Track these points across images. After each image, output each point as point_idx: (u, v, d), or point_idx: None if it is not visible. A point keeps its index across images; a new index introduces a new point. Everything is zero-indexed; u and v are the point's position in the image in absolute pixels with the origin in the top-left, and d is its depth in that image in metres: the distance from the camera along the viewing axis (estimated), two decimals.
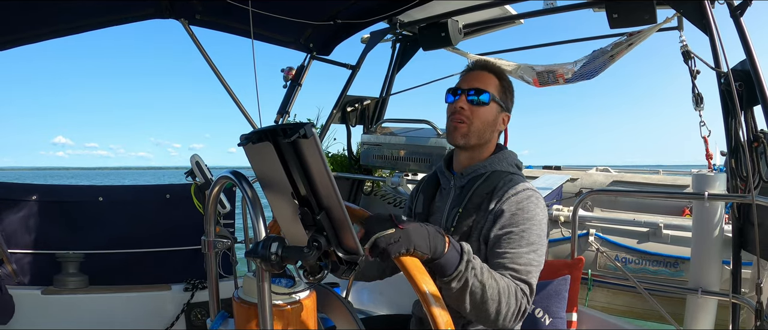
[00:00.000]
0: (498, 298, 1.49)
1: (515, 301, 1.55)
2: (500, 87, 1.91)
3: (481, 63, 1.99)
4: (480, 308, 1.49)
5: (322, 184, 1.04)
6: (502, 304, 1.51)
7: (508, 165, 1.92)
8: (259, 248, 1.09)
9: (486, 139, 1.91)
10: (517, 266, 1.63)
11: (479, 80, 1.89)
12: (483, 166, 1.90)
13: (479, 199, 1.82)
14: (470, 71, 1.95)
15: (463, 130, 1.85)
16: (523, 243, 1.66)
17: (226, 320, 1.56)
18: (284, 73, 4.13)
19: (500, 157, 1.92)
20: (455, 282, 1.42)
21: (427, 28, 4.03)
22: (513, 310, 1.54)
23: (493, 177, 1.85)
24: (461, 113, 1.85)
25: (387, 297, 3.50)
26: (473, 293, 1.46)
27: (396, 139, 4.46)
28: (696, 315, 2.89)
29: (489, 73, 1.92)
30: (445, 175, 2.01)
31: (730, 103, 2.58)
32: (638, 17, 3.18)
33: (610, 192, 7.10)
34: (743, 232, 2.65)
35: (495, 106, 1.88)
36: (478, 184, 1.85)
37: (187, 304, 3.24)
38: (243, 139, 1.11)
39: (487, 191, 1.82)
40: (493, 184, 1.83)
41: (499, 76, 1.93)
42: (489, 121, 1.88)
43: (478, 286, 1.46)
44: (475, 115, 1.85)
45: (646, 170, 8.94)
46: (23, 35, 3.06)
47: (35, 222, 3.25)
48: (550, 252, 3.32)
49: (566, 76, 4.10)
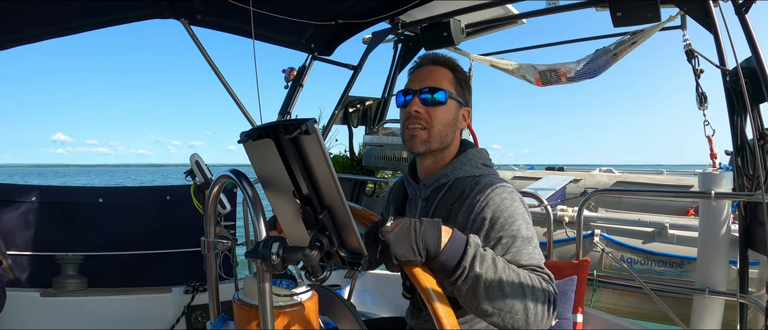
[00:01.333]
0: (523, 292, 1.30)
1: (543, 293, 1.34)
2: (455, 80, 1.73)
3: (430, 57, 1.77)
4: (504, 307, 1.27)
5: (325, 183, 1.01)
6: (529, 298, 1.30)
7: (473, 168, 1.72)
8: (260, 248, 1.06)
9: (448, 142, 1.72)
10: (526, 263, 1.45)
11: (431, 77, 1.70)
12: (444, 174, 1.72)
13: (445, 211, 1.66)
14: (419, 67, 1.76)
15: (423, 137, 1.67)
16: (518, 242, 1.49)
17: (226, 323, 1.54)
18: (285, 74, 4.12)
19: (463, 160, 1.73)
20: (462, 281, 1.25)
21: (429, 28, 4.01)
22: (543, 305, 1.33)
23: (456, 185, 1.69)
24: (417, 118, 1.67)
25: (389, 299, 3.47)
26: (490, 290, 1.26)
27: (398, 139, 4.44)
28: (703, 315, 2.87)
29: (440, 66, 1.74)
30: (410, 184, 1.86)
31: (737, 100, 2.55)
32: (642, 16, 3.16)
33: (615, 192, 7.06)
34: (750, 231, 2.62)
35: (453, 104, 1.70)
36: (440, 195, 1.70)
37: (187, 306, 3.22)
38: (243, 136, 1.08)
39: (451, 202, 1.67)
40: (458, 193, 1.67)
41: (452, 69, 1.75)
42: (449, 121, 1.69)
43: (494, 280, 1.26)
44: (433, 117, 1.67)
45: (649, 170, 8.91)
46: (24, 35, 3.05)
47: (34, 223, 3.24)
48: (554, 253, 3.29)
49: (569, 75, 4.08)
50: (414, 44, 4.54)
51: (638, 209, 6.13)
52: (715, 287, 2.79)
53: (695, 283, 2.95)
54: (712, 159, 4.02)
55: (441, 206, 1.68)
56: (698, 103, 3.41)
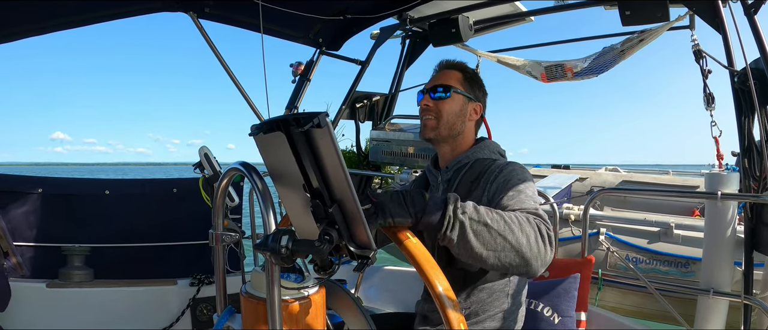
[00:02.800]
0: (509, 228, 1.37)
1: (530, 227, 1.42)
2: (463, 79, 1.99)
3: (444, 63, 2.07)
4: (494, 247, 1.35)
5: (336, 176, 1.02)
6: (519, 234, 1.38)
7: (491, 152, 1.98)
8: (269, 241, 1.07)
9: (458, 130, 1.97)
10: (520, 207, 1.59)
11: (442, 78, 1.99)
12: (465, 156, 1.96)
13: (466, 188, 1.86)
14: (435, 73, 2.06)
15: (432, 124, 1.95)
16: (520, 196, 1.65)
17: (233, 316, 1.54)
18: (293, 69, 4.12)
19: (481, 146, 1.99)
20: (450, 231, 1.32)
21: (437, 24, 4.00)
22: (534, 237, 1.41)
23: (477, 165, 1.91)
24: (428, 110, 1.96)
25: (395, 294, 3.47)
26: (478, 234, 1.34)
27: (405, 135, 4.44)
28: (707, 316, 2.86)
29: (451, 69, 2.02)
30: (432, 173, 2.09)
31: (745, 101, 2.55)
32: (651, 15, 3.15)
33: (621, 191, 7.05)
34: (756, 232, 2.62)
35: (459, 97, 1.96)
36: (463, 173, 1.92)
37: (192, 299, 3.23)
38: (254, 130, 1.08)
39: (472, 179, 1.87)
40: (478, 171, 1.88)
41: (462, 70, 2.02)
42: (454, 111, 1.95)
43: (479, 224, 1.34)
44: (440, 107, 1.94)
45: (655, 170, 8.89)
46: (30, 27, 3.05)
47: (41, 215, 3.25)
48: (560, 251, 3.29)
49: (575, 70, 4.07)
50: (422, 40, 4.52)
51: (644, 209, 6.13)
52: (719, 288, 2.78)
53: (700, 283, 2.94)
54: (718, 160, 4.02)
55: (462, 184, 1.89)
56: (705, 103, 3.40)
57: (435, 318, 1.93)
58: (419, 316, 2.02)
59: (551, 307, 2.38)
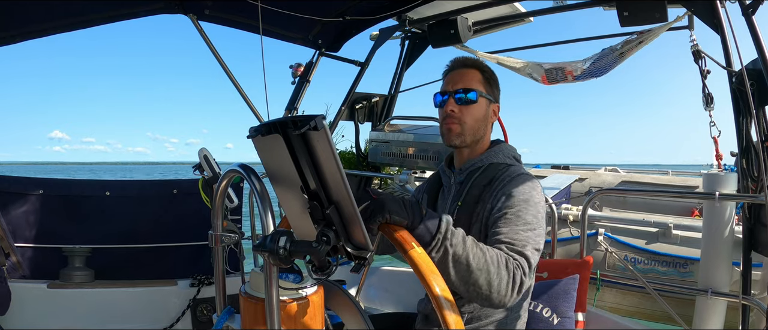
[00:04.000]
0: (486, 268, 1.42)
1: (507, 271, 1.46)
2: (484, 80, 1.94)
3: (460, 61, 2.01)
4: (467, 280, 1.41)
5: (333, 178, 1.03)
6: (492, 275, 1.42)
7: (505, 157, 1.96)
8: (267, 242, 1.08)
9: (481, 135, 1.96)
10: (512, 240, 1.59)
11: (463, 79, 1.92)
12: (480, 160, 1.94)
13: (478, 191, 1.85)
14: (452, 71, 1.98)
15: (457, 131, 1.91)
16: (519, 222, 1.64)
17: (232, 316, 1.55)
18: (293, 70, 4.13)
19: (496, 150, 1.97)
20: (435, 252, 1.36)
21: (436, 26, 4.00)
22: (505, 281, 1.45)
23: (491, 169, 1.90)
24: (452, 116, 1.90)
25: (394, 294, 3.48)
26: (457, 263, 1.39)
27: (404, 136, 4.44)
28: (705, 316, 2.87)
29: (470, 69, 1.96)
30: (446, 174, 2.07)
31: (743, 102, 2.55)
32: (649, 15, 3.15)
33: (620, 191, 7.06)
34: (754, 233, 2.62)
35: (483, 101, 1.93)
36: (475, 177, 1.90)
37: (193, 299, 3.24)
38: (252, 132, 1.09)
39: (485, 183, 1.86)
40: (491, 176, 1.87)
41: (481, 69, 1.97)
42: (480, 117, 1.92)
43: (461, 255, 1.38)
44: (466, 114, 1.90)
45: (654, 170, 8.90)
46: (32, 29, 3.06)
47: (42, 216, 3.26)
48: (558, 251, 3.30)
49: (575, 74, 4.07)
50: (421, 41, 4.52)
51: (643, 209, 6.14)
52: (717, 288, 2.79)
53: (698, 284, 2.94)
54: (717, 160, 4.02)
55: (475, 186, 1.88)
56: (704, 104, 3.41)
57: (436, 318, 1.94)
58: (421, 315, 2.03)
59: (550, 307, 2.39)
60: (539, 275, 2.57)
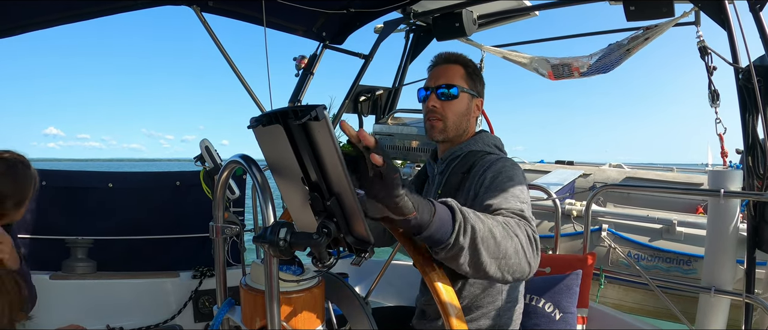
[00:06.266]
0: (506, 233, 1.28)
1: (521, 231, 1.33)
2: (466, 75, 1.94)
3: (444, 56, 2.00)
4: (496, 254, 1.24)
5: (333, 170, 1.01)
6: (514, 239, 1.29)
7: (485, 145, 1.95)
8: (268, 234, 1.07)
9: (463, 129, 1.96)
10: (507, 207, 1.49)
11: (445, 75, 1.93)
12: (459, 148, 1.95)
13: (457, 179, 1.86)
14: (435, 67, 1.99)
15: (440, 127, 1.92)
16: (507, 196, 1.55)
17: (233, 307, 1.55)
18: (296, 62, 4.11)
19: (477, 139, 1.97)
20: (463, 235, 1.17)
21: (441, 18, 3.99)
22: (526, 241, 1.31)
23: (470, 156, 1.90)
24: (434, 112, 1.91)
25: (396, 288, 3.48)
26: (484, 240, 1.20)
27: (408, 129, 4.43)
28: (708, 314, 2.85)
29: (453, 64, 1.96)
30: (430, 165, 2.11)
31: (749, 99, 2.53)
32: (656, 10, 3.13)
33: (624, 187, 7.03)
34: (759, 230, 2.60)
35: (465, 96, 1.93)
36: (454, 165, 1.92)
37: (194, 291, 3.24)
38: (253, 122, 1.08)
39: (463, 171, 1.86)
40: (470, 163, 1.87)
41: (464, 64, 1.97)
42: (462, 111, 1.93)
43: (483, 229, 1.21)
44: (448, 109, 1.91)
45: (659, 167, 8.87)
46: (34, 21, 3.04)
47: (45, 207, 3.25)
48: (561, 247, 3.28)
49: (582, 70, 4.06)
50: (426, 34, 4.52)
51: (647, 205, 6.12)
52: (721, 286, 2.77)
53: (702, 281, 2.93)
54: (722, 157, 4.00)
55: (453, 174, 1.89)
56: (710, 100, 3.39)
57: (431, 311, 1.94)
58: (418, 310, 2.03)
59: (552, 303, 2.38)
60: (542, 270, 2.56)
